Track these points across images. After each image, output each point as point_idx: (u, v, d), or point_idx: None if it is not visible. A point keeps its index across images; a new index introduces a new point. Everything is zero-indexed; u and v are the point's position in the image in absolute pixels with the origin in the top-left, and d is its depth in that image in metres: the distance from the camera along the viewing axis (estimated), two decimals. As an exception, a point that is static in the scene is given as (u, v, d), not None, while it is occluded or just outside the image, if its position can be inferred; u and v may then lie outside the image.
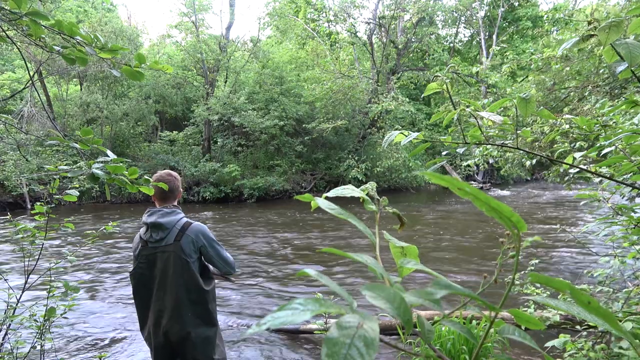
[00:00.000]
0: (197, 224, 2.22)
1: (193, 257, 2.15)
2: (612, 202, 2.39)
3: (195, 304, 2.16)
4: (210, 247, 2.20)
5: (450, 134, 1.74)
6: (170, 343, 2.15)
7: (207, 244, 2.19)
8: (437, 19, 24.75)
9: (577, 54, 7.22)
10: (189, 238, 2.15)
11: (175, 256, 2.12)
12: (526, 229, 0.48)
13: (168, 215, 2.19)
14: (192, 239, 2.15)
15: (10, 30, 1.59)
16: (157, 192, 2.22)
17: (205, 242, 2.19)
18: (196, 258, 2.18)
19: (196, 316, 2.16)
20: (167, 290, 2.14)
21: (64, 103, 18.83)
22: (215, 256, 2.22)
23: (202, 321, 2.18)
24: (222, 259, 2.24)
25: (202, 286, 2.17)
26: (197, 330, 2.15)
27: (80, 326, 4.61)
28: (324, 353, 0.33)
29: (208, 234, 2.22)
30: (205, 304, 2.19)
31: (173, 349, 2.16)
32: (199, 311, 2.17)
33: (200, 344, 2.15)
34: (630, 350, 2.02)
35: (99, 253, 8.01)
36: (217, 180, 17.31)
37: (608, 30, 1.05)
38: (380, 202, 0.71)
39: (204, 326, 2.18)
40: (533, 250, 7.06)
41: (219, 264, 2.24)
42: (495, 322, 0.53)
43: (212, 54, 19.67)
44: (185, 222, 2.21)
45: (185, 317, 2.13)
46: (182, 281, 2.13)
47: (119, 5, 38.75)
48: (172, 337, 2.13)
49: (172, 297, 2.13)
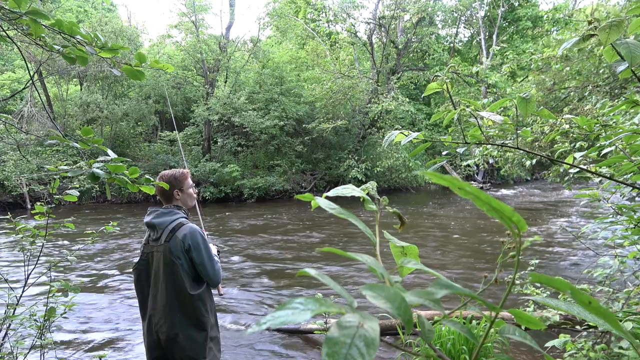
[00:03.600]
0: (189, 226, 2.16)
1: (181, 259, 2.12)
2: (612, 202, 2.39)
3: (184, 306, 2.13)
4: (194, 250, 2.13)
5: (450, 134, 1.74)
6: (161, 342, 2.15)
7: (192, 247, 2.12)
8: (437, 19, 24.73)
9: (577, 54, 7.21)
10: (177, 239, 2.12)
11: (165, 257, 2.13)
12: (527, 229, 0.48)
13: (164, 216, 2.20)
14: (179, 241, 2.12)
15: (11, 30, 1.59)
16: (158, 191, 2.23)
17: (190, 245, 2.12)
18: (185, 260, 2.13)
19: (184, 318, 2.13)
20: (159, 289, 2.16)
21: (64, 103, 18.82)
22: (197, 261, 2.14)
23: (191, 324, 2.14)
24: (203, 266, 2.15)
25: (187, 289, 2.12)
26: (185, 333, 2.13)
27: (80, 326, 4.61)
28: (324, 352, 0.33)
29: (196, 238, 2.14)
30: (192, 307, 2.14)
31: (163, 349, 2.16)
32: (187, 314, 2.14)
33: (189, 347, 2.13)
34: (630, 350, 2.02)
35: (99, 253, 8.01)
36: (217, 180, 17.30)
37: (608, 30, 1.05)
38: (381, 202, 0.71)
39: (193, 329, 2.15)
40: (533, 250, 7.06)
41: (201, 270, 2.16)
42: (496, 322, 0.53)
43: (212, 54, 19.66)
44: (177, 223, 2.17)
45: (174, 318, 2.12)
46: (171, 282, 2.13)
47: (119, 6, 38.79)
48: (161, 337, 2.14)
49: (162, 297, 2.15)
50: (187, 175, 2.33)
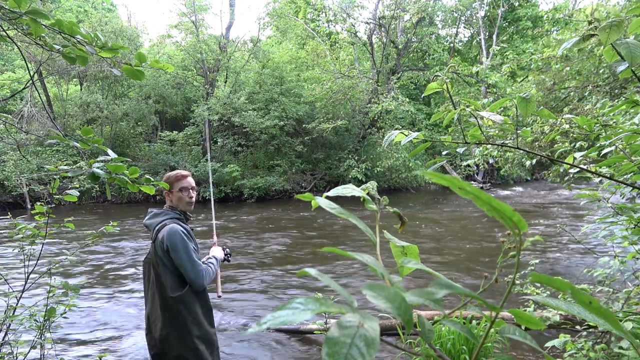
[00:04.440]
0: (169, 227, 2.12)
1: (164, 260, 2.11)
2: (612, 202, 2.39)
3: (169, 307, 2.12)
4: (172, 251, 2.09)
5: (450, 134, 1.74)
6: (156, 340, 2.16)
7: (170, 248, 2.09)
8: (437, 19, 24.72)
9: (577, 54, 7.21)
10: (159, 240, 2.12)
11: (153, 257, 2.16)
12: (527, 228, 0.48)
13: (155, 217, 2.24)
14: (159, 242, 2.11)
15: (11, 30, 1.59)
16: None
17: (169, 246, 2.09)
18: (168, 260, 2.11)
19: (172, 319, 2.12)
20: (150, 289, 2.19)
21: (64, 103, 18.82)
22: (176, 262, 2.10)
23: (178, 324, 2.13)
24: (183, 268, 2.10)
25: (167, 292, 2.10)
26: (175, 332, 2.12)
27: (80, 326, 4.61)
28: (324, 352, 0.33)
29: (172, 238, 2.09)
30: (174, 309, 2.11)
31: (158, 347, 2.16)
32: (172, 315, 2.12)
33: (179, 346, 2.13)
34: (630, 350, 2.02)
35: (99, 253, 8.01)
36: (217, 180, 17.30)
37: (608, 30, 1.05)
38: (381, 202, 0.71)
39: (181, 329, 2.13)
40: (533, 250, 7.06)
41: (182, 271, 2.11)
42: (496, 321, 0.53)
43: (212, 54, 19.66)
44: (162, 223, 2.17)
45: (164, 317, 2.13)
46: (159, 283, 2.14)
47: (119, 6, 38.77)
48: (155, 335, 2.15)
49: (153, 297, 2.17)
50: (182, 178, 2.26)
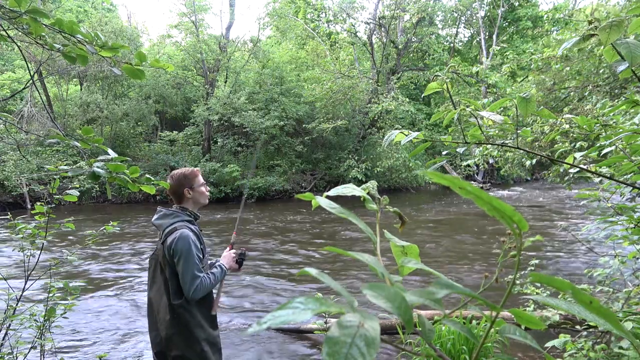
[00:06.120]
0: (180, 232, 2.07)
1: (170, 264, 2.08)
2: (612, 202, 2.39)
3: (173, 309, 2.10)
4: (176, 258, 2.04)
5: (450, 134, 1.74)
6: (160, 339, 2.14)
7: (175, 254, 2.04)
8: (437, 19, 24.74)
9: (577, 54, 7.21)
10: (168, 244, 2.08)
11: (159, 258, 2.13)
12: (527, 228, 0.48)
13: (165, 217, 2.18)
14: (167, 245, 2.07)
15: (11, 30, 1.58)
16: (169, 191, 2.24)
17: (174, 251, 2.04)
18: (172, 265, 2.08)
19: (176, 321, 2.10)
20: (155, 287, 2.17)
21: (64, 103, 18.81)
22: (177, 269, 2.06)
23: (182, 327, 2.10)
24: (181, 276, 2.05)
25: (170, 297, 2.07)
26: (179, 333, 2.10)
27: (80, 326, 4.61)
28: (324, 352, 0.33)
29: (180, 245, 2.03)
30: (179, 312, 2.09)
31: (162, 346, 2.15)
32: (177, 317, 2.10)
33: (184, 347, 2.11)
34: (631, 350, 2.02)
35: (99, 253, 8.01)
36: (217, 180, 17.30)
37: (608, 30, 1.05)
38: (381, 201, 0.71)
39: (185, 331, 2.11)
40: (533, 250, 7.06)
41: (180, 279, 2.06)
42: (496, 321, 0.53)
43: (212, 54, 19.66)
44: (173, 227, 2.12)
45: (168, 319, 2.10)
46: (163, 285, 2.12)
47: (119, 6, 38.75)
48: (161, 333, 2.13)
49: (157, 296, 2.15)
50: (197, 173, 2.28)
